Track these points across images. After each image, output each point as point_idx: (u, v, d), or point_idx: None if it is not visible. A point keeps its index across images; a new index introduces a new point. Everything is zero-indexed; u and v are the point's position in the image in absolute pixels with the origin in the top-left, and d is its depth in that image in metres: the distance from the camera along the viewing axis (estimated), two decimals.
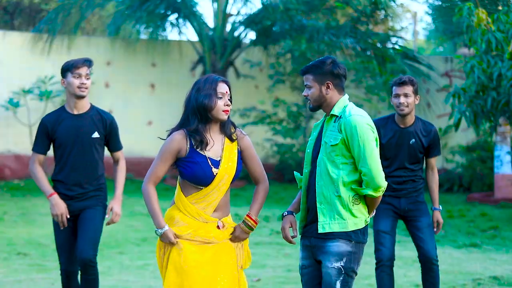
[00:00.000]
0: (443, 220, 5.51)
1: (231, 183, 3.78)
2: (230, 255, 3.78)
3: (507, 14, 8.83)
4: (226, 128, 3.79)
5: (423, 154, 5.23)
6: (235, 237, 3.80)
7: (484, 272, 7.11)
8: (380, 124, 5.23)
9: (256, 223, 3.83)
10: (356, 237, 3.77)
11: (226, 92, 3.76)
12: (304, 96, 3.90)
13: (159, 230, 3.71)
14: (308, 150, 3.93)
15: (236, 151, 3.80)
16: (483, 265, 7.46)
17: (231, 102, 3.79)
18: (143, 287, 6.41)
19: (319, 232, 3.77)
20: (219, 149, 3.75)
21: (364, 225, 3.79)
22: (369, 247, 8.38)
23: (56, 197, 4.79)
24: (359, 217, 3.78)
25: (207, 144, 3.72)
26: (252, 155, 3.86)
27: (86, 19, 16.89)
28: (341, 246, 3.73)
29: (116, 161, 5.06)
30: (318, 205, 3.79)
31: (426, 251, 5.16)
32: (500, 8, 10.98)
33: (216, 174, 3.70)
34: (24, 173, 13.98)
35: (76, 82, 4.79)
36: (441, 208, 5.30)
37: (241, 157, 3.84)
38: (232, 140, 3.79)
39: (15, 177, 14.12)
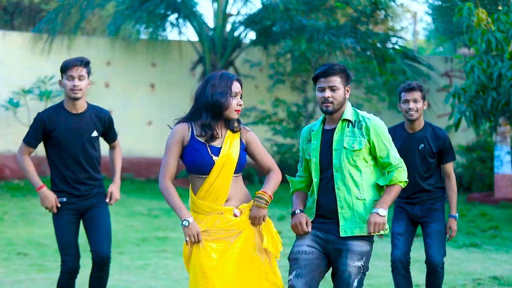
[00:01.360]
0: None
1: (236, 172, 3.75)
2: (255, 262, 3.72)
3: (507, 14, 8.82)
4: (231, 124, 3.80)
5: (434, 159, 5.19)
6: (253, 218, 3.75)
7: (484, 272, 7.11)
8: (391, 134, 5.25)
9: (271, 197, 3.78)
10: (373, 238, 3.91)
11: (239, 91, 3.78)
12: (327, 97, 3.86)
13: (185, 222, 3.66)
14: (315, 159, 3.92)
15: (237, 141, 3.79)
16: (483, 265, 7.46)
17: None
18: (143, 287, 6.41)
19: (341, 236, 3.83)
20: (221, 139, 3.77)
21: (380, 233, 3.85)
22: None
23: (45, 190, 4.83)
24: None
25: (216, 139, 3.73)
26: (258, 147, 3.86)
27: (86, 19, 16.90)
28: (363, 245, 3.82)
29: (112, 148, 5.17)
30: (339, 210, 3.84)
31: (430, 257, 5.17)
32: (500, 8, 10.98)
33: (216, 161, 3.70)
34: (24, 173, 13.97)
35: (69, 84, 4.75)
36: (457, 216, 5.25)
37: (249, 152, 3.84)
38: (233, 132, 3.80)
39: (15, 177, 14.12)
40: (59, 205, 4.84)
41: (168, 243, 8.54)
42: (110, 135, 5.06)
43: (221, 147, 3.73)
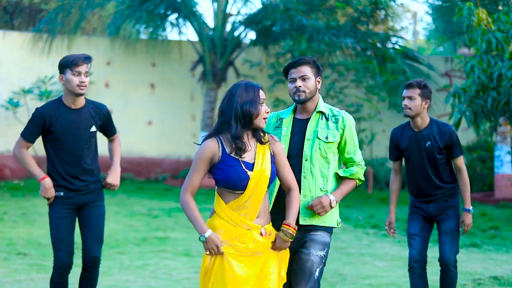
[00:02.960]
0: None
1: (268, 187, 3.72)
2: (274, 269, 3.72)
3: (507, 14, 8.83)
4: (257, 134, 3.75)
5: (442, 155, 5.19)
6: (276, 247, 3.74)
7: (484, 272, 7.11)
8: (398, 133, 5.31)
9: (296, 230, 3.76)
10: (331, 231, 3.98)
11: (265, 98, 3.75)
12: (298, 87, 3.92)
13: (203, 236, 3.63)
14: (284, 146, 3.95)
15: (268, 154, 3.75)
16: (483, 265, 7.46)
17: None
18: (143, 287, 6.41)
19: (300, 224, 3.88)
20: (252, 152, 3.71)
21: (336, 226, 3.98)
22: (368, 247, 8.38)
23: (49, 181, 4.81)
24: (334, 216, 3.97)
25: (245, 151, 3.68)
26: (283, 161, 3.81)
27: (86, 19, 16.90)
28: (324, 237, 3.92)
29: (111, 141, 5.20)
30: (302, 197, 3.89)
31: (443, 254, 5.17)
32: (500, 8, 10.99)
33: (251, 176, 3.65)
34: (24, 173, 13.97)
35: (76, 80, 4.77)
36: (471, 209, 5.23)
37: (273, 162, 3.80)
38: (262, 143, 3.75)
39: (15, 177, 14.12)
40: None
41: (168, 243, 8.53)
42: (108, 129, 5.09)
43: (253, 163, 3.69)
